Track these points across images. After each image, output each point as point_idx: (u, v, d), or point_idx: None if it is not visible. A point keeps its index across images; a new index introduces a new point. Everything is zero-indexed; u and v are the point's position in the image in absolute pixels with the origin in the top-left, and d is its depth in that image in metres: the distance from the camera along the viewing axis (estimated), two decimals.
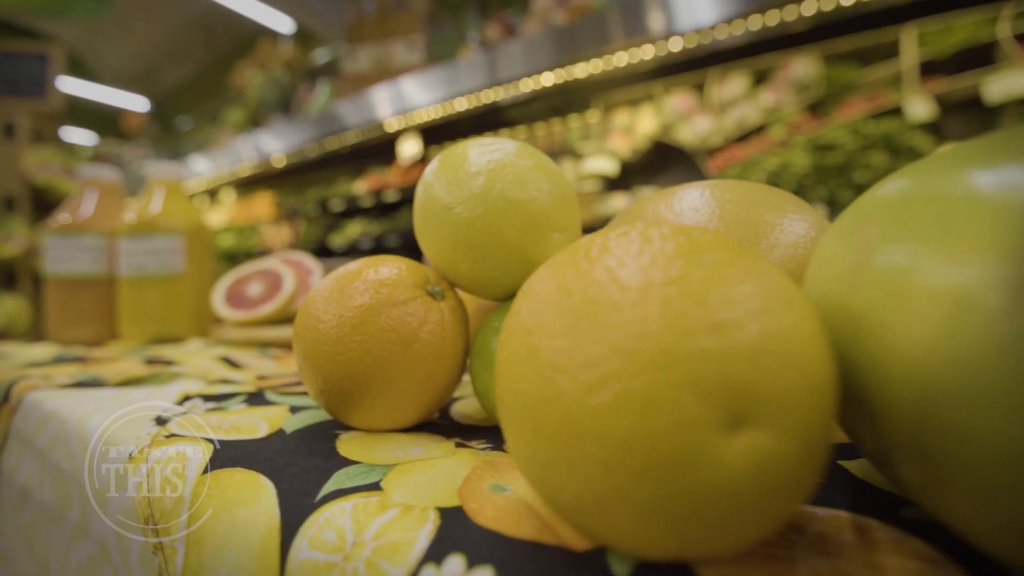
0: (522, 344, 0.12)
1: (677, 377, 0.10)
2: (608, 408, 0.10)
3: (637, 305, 0.11)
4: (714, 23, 1.57)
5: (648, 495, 0.10)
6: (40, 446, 0.29)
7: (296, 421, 0.23)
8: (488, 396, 0.21)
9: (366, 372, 0.20)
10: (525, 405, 0.12)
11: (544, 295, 0.13)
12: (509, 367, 0.12)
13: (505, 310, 0.21)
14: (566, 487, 0.11)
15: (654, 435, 0.10)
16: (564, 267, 0.13)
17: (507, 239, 0.21)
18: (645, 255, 0.12)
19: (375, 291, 0.20)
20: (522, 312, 0.13)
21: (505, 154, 0.22)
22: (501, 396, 0.13)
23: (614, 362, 0.10)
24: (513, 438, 0.13)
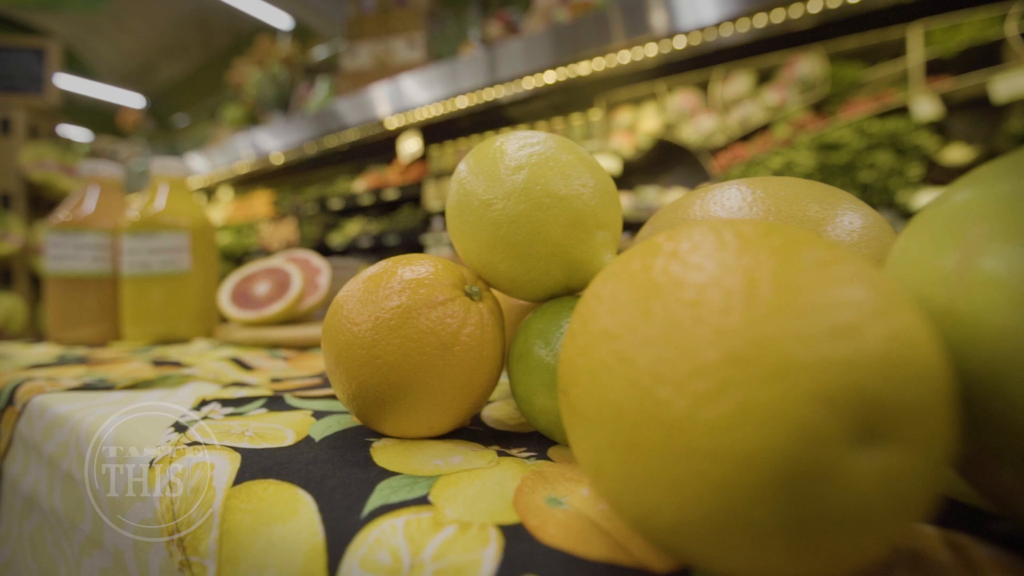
0: (609, 352, 0.11)
1: (803, 387, 0.09)
2: (726, 422, 0.09)
3: (748, 308, 0.09)
4: (718, 21, 1.57)
5: (767, 516, 0.09)
6: (48, 452, 0.27)
7: (323, 428, 0.22)
8: (532, 403, 0.20)
9: (404, 377, 0.18)
10: (615, 418, 0.10)
11: (624, 298, 0.11)
12: (592, 376, 0.11)
13: (548, 312, 0.20)
14: (666, 508, 0.10)
15: (778, 451, 0.09)
16: (642, 268, 0.12)
17: (550, 237, 0.20)
18: (744, 255, 0.11)
19: (412, 291, 0.19)
20: (600, 317, 0.12)
21: (546, 147, 0.21)
22: (578, 407, 0.12)
23: (729, 371, 0.09)
24: (593, 453, 0.11)
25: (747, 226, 0.12)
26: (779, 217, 0.21)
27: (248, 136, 3.02)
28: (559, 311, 0.20)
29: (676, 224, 0.22)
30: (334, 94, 2.71)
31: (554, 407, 0.19)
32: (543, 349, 0.19)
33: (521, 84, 2.08)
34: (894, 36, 1.45)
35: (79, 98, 4.51)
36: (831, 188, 0.23)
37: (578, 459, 0.13)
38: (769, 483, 0.09)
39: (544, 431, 0.20)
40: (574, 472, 0.18)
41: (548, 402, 0.19)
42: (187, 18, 3.91)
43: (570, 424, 0.13)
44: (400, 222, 2.68)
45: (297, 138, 2.81)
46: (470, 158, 0.22)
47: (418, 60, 2.45)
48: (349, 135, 2.66)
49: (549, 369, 0.19)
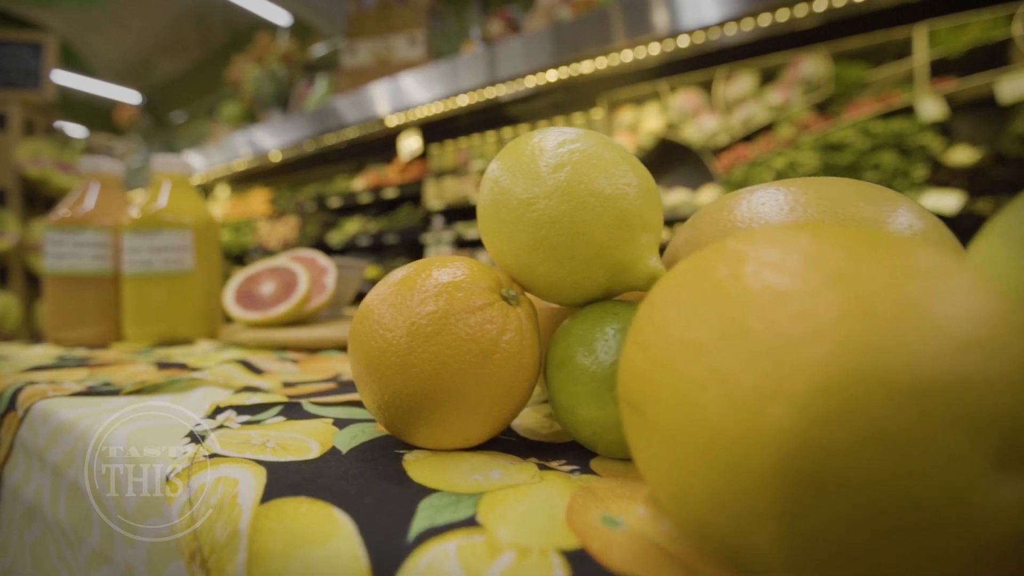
0: (701, 367, 0.10)
1: (940, 408, 0.08)
2: (854, 447, 0.08)
3: (870, 323, 0.08)
4: (721, 20, 1.56)
5: (897, 551, 0.08)
6: (53, 461, 0.26)
7: (347, 438, 0.21)
8: (575, 412, 0.18)
9: (441, 386, 0.17)
10: (712, 439, 0.09)
11: (713, 308, 0.10)
12: (678, 392, 0.10)
13: (590, 317, 0.19)
14: (774, 541, 0.09)
15: (913, 480, 0.08)
16: (731, 277, 0.11)
17: (595, 238, 0.19)
18: (850, 263, 0.09)
19: (448, 296, 0.18)
20: (683, 327, 0.11)
21: (587, 144, 0.20)
22: (658, 426, 0.11)
23: (855, 390, 0.08)
24: (679, 476, 0.10)
25: (838, 231, 0.11)
26: (835, 219, 0.20)
27: (246, 134, 3.00)
28: (601, 316, 0.19)
29: (724, 228, 0.21)
30: (333, 92, 2.69)
31: (600, 417, 0.18)
32: (586, 357, 0.18)
33: (522, 83, 2.06)
34: (898, 36, 1.45)
35: (74, 94, 4.47)
36: (880, 187, 0.21)
37: (651, 480, 0.12)
38: (906, 514, 0.08)
39: (585, 442, 0.19)
40: (625, 488, 0.16)
41: (593, 412, 0.18)
42: (185, 14, 3.87)
43: (644, 443, 0.12)
44: (400, 221, 2.66)
45: (295, 136, 2.79)
46: (505, 156, 0.21)
47: (419, 58, 2.43)
48: (348, 133, 2.64)
49: (594, 377, 0.18)
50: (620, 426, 0.18)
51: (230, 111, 3.10)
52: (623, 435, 0.18)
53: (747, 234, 0.12)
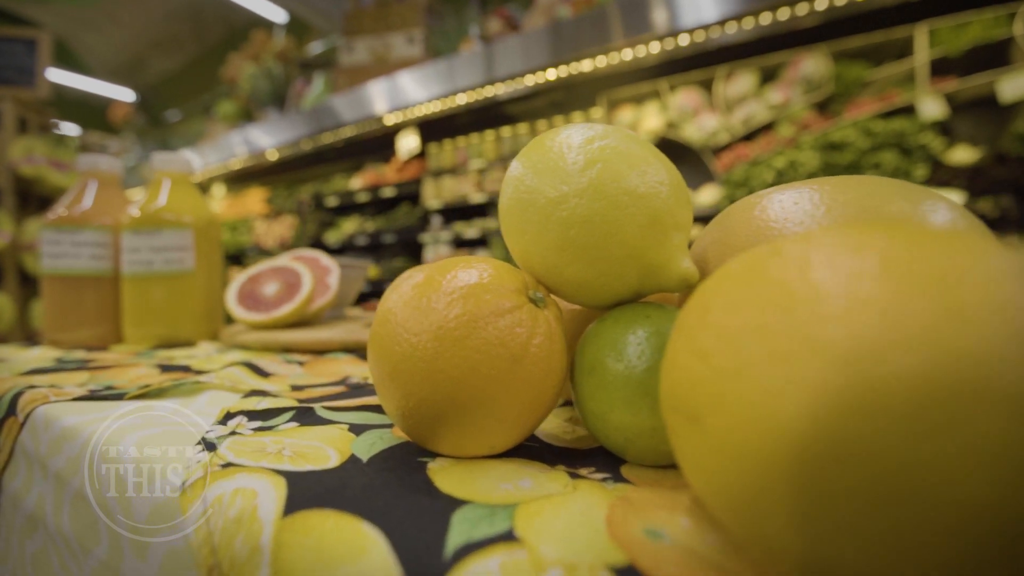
0: (780, 378, 0.09)
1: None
2: (954, 462, 0.07)
3: (969, 331, 0.08)
4: (721, 19, 1.56)
5: None
6: (56, 468, 0.25)
7: (366, 445, 0.20)
8: (607, 419, 0.18)
9: (470, 393, 0.16)
10: (795, 456, 0.09)
11: (780, 315, 0.10)
12: (750, 404, 0.09)
13: (621, 321, 0.19)
14: (862, 559, 0.08)
15: None
16: (792, 281, 0.10)
17: (627, 238, 0.18)
18: (934, 267, 0.09)
19: (476, 298, 0.17)
20: (751, 335, 0.10)
21: (617, 140, 0.19)
22: (724, 440, 0.10)
23: (955, 402, 0.07)
24: (750, 494, 0.10)
25: (910, 232, 0.10)
26: (875, 218, 0.19)
27: (242, 132, 2.97)
28: (632, 320, 0.18)
29: (757, 229, 0.20)
30: (330, 90, 2.68)
31: (633, 424, 0.17)
32: (618, 362, 0.18)
33: (521, 81, 2.05)
34: (899, 35, 1.45)
35: (67, 92, 4.42)
36: (912, 184, 0.21)
37: (708, 495, 0.11)
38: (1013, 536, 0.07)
39: (615, 448, 0.19)
40: (662, 498, 0.16)
41: (626, 419, 0.17)
42: (179, 11, 3.84)
43: (701, 456, 0.11)
44: (397, 220, 2.65)
45: (292, 135, 2.77)
46: (529, 154, 0.20)
47: (417, 56, 2.42)
48: (345, 132, 2.63)
49: (628, 383, 0.17)
50: (653, 433, 0.17)
51: (226, 109, 3.08)
52: (656, 442, 0.17)
53: (806, 236, 0.12)
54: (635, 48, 1.75)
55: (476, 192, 2.39)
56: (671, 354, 0.13)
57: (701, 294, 0.13)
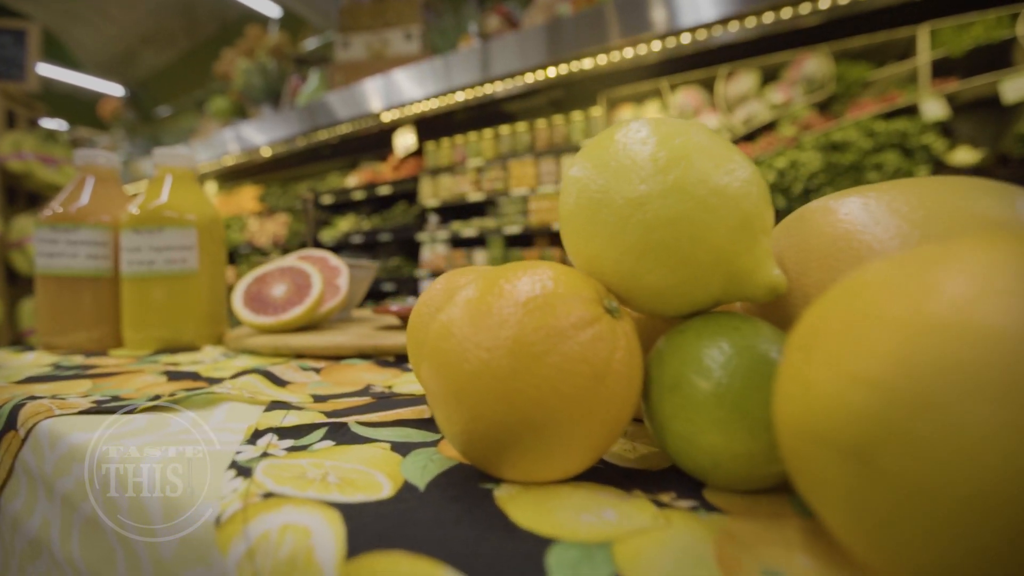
0: (998, 421, 0.07)
1: None
2: None
3: None
4: (721, 18, 1.55)
5: None
6: (64, 491, 0.23)
7: (417, 469, 0.18)
8: (695, 441, 0.16)
9: (549, 414, 0.15)
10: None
11: (985, 344, 0.08)
12: (963, 449, 0.08)
13: (704, 332, 0.17)
14: None
15: None
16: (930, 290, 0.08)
17: (716, 243, 0.16)
18: None
19: (552, 308, 0.15)
20: (973, 351, 0.08)
21: (698, 135, 0.17)
22: (911, 482, 0.08)
23: None
24: (938, 548, 0.08)
25: None
26: (971, 218, 0.17)
27: (235, 129, 2.92)
28: (718, 332, 0.17)
29: (841, 235, 0.18)
30: (326, 87, 2.64)
31: (727, 447, 0.15)
32: (705, 379, 0.16)
33: (520, 79, 2.04)
34: (901, 36, 1.45)
35: (55, 86, 4.32)
36: (986, 180, 0.19)
37: (861, 539, 0.09)
38: None
39: (697, 471, 0.17)
40: (768, 531, 0.14)
41: (719, 442, 0.16)
42: (170, 5, 3.77)
43: (865, 499, 0.09)
44: (394, 219, 2.62)
45: (286, 132, 2.73)
46: (595, 152, 0.18)
47: (414, 53, 2.39)
48: (341, 129, 2.59)
49: (721, 403, 0.15)
50: (749, 457, 0.15)
51: (218, 106, 3.03)
52: (750, 467, 0.16)
53: (969, 240, 0.10)
54: (636, 47, 1.74)
55: (474, 191, 2.36)
56: (800, 376, 0.12)
57: (837, 307, 0.12)
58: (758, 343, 0.16)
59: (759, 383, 0.15)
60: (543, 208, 2.16)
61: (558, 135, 2.17)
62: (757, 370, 0.16)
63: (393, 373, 0.37)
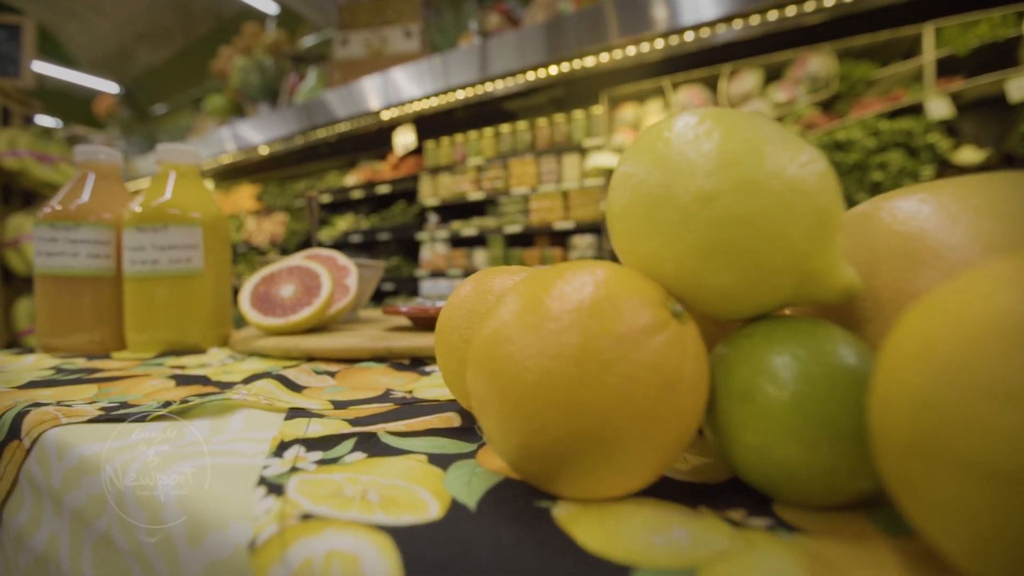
0: None
1: None
2: None
3: None
4: (725, 16, 1.54)
5: None
6: (75, 506, 0.21)
7: (462, 485, 0.17)
8: (769, 455, 0.15)
9: (617, 427, 0.13)
10: None
11: None
12: None
13: (774, 338, 0.16)
14: None
15: None
16: None
17: (791, 241, 0.15)
18: None
19: (617, 312, 0.14)
20: None
21: (766, 126, 0.16)
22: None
23: None
24: None
25: None
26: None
27: (232, 127, 2.90)
28: (789, 337, 0.15)
29: (913, 235, 0.17)
30: (324, 84, 2.61)
31: (808, 461, 0.14)
32: (780, 387, 0.15)
33: (520, 78, 2.02)
34: (905, 34, 1.44)
35: (48, 82, 4.27)
36: None
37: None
38: None
39: (767, 485, 0.16)
40: (861, 554, 0.13)
41: (798, 455, 0.14)
42: (166, 1, 3.73)
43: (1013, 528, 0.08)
44: (393, 218, 2.60)
45: (284, 130, 2.70)
46: (650, 145, 0.17)
47: (414, 51, 2.37)
48: (339, 128, 2.57)
49: (800, 413, 0.14)
50: (832, 473, 0.14)
51: (215, 104, 3.00)
52: (831, 483, 0.14)
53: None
54: (638, 45, 1.73)
55: (474, 190, 2.35)
56: (919, 390, 0.10)
57: (961, 314, 0.10)
58: (836, 348, 0.15)
59: (842, 392, 0.14)
60: (544, 207, 2.15)
61: (559, 134, 2.16)
62: (839, 378, 0.14)
63: (411, 377, 0.36)
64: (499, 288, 0.23)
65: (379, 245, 2.73)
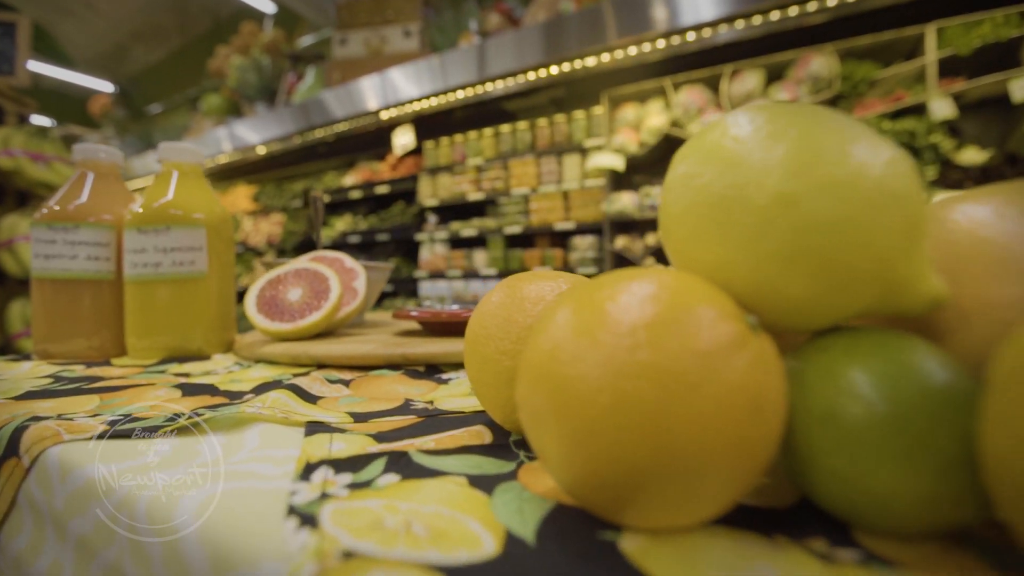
0: None
1: None
2: None
3: None
4: (727, 16, 1.54)
5: None
6: (80, 533, 0.20)
7: (513, 513, 0.16)
8: (859, 482, 0.13)
9: (702, 455, 0.12)
10: None
11: None
12: None
13: (856, 353, 0.14)
14: None
15: None
16: None
17: (880, 248, 0.14)
18: None
19: (698, 327, 0.13)
20: None
21: (843, 121, 0.15)
22: None
23: None
24: None
25: None
26: None
27: (228, 127, 2.87)
28: (870, 349, 0.14)
29: (988, 238, 0.16)
30: (322, 84, 2.59)
31: (907, 488, 0.13)
32: (868, 408, 0.13)
33: (520, 78, 2.01)
34: (908, 34, 1.44)
35: (42, 81, 4.22)
36: None
37: None
38: None
39: (855, 514, 0.14)
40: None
41: (895, 481, 0.13)
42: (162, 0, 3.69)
43: None
44: (391, 219, 2.58)
45: (282, 130, 2.68)
46: (711, 145, 0.16)
47: (413, 51, 2.36)
48: (338, 127, 2.55)
49: (898, 437, 0.13)
50: (933, 500, 0.13)
51: (212, 103, 2.97)
52: (930, 512, 0.13)
53: None
54: (640, 45, 1.72)
55: (474, 190, 2.33)
56: None
57: None
58: (929, 364, 0.14)
59: (945, 413, 0.13)
60: (544, 208, 2.14)
61: (560, 134, 2.15)
62: (939, 397, 0.13)
63: (428, 385, 0.35)
64: (535, 296, 0.21)
65: (377, 246, 2.70)
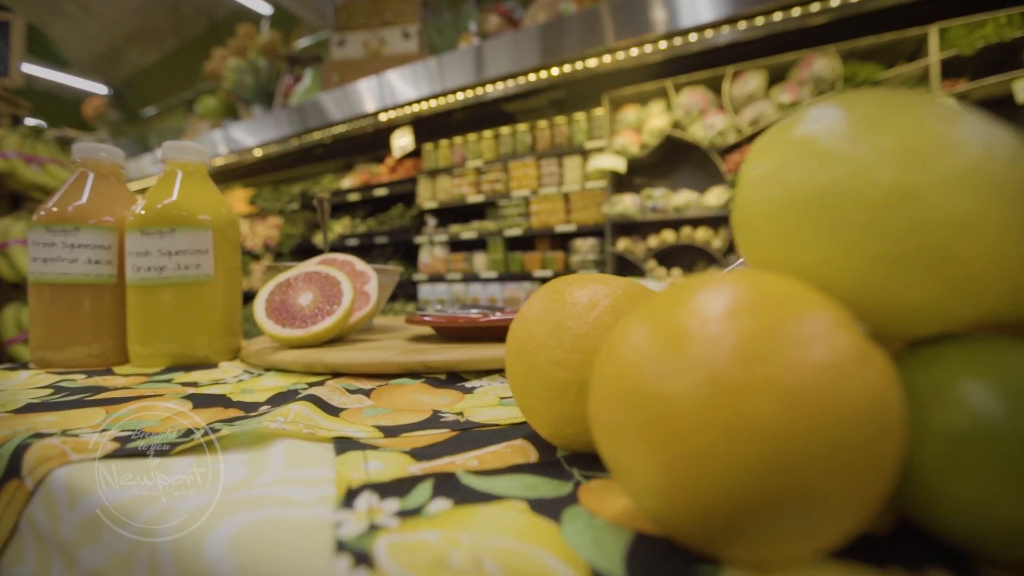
0: None
1: None
2: None
3: None
4: (729, 17, 1.53)
5: None
6: (92, 566, 0.18)
7: (587, 543, 0.14)
8: (991, 511, 0.12)
9: (828, 482, 0.10)
10: None
11: None
12: None
13: (982, 363, 0.13)
14: None
15: None
16: None
17: (1008, 248, 0.12)
18: None
19: (816, 338, 0.11)
20: None
21: (952, 108, 0.13)
22: None
23: None
24: None
25: None
26: None
27: (224, 129, 2.84)
28: (998, 362, 0.13)
29: None
30: (320, 86, 2.57)
31: None
32: (1008, 428, 0.12)
33: (520, 79, 2.00)
34: (910, 35, 1.44)
35: (35, 83, 4.17)
36: None
37: None
38: None
39: (982, 543, 0.13)
40: None
41: None
42: (157, 1, 3.66)
43: None
44: (390, 221, 2.56)
45: (279, 132, 2.65)
46: (807, 131, 0.14)
47: (412, 52, 2.34)
48: (336, 130, 2.53)
49: None
50: None
51: (208, 105, 2.94)
52: None
53: None
54: (641, 47, 1.71)
55: (473, 192, 2.32)
56: None
57: None
58: None
59: None
60: (544, 210, 2.13)
61: (560, 135, 2.14)
62: None
63: (454, 395, 0.33)
64: (587, 301, 0.20)
65: (376, 249, 2.68)
